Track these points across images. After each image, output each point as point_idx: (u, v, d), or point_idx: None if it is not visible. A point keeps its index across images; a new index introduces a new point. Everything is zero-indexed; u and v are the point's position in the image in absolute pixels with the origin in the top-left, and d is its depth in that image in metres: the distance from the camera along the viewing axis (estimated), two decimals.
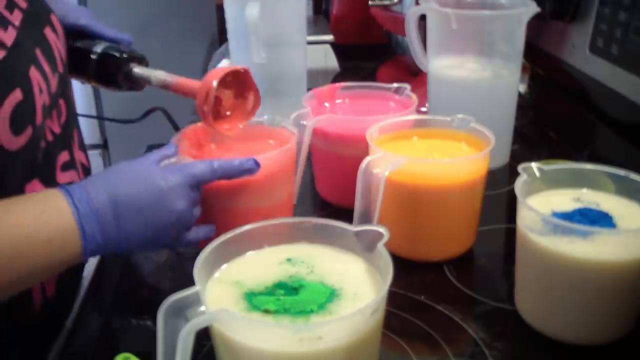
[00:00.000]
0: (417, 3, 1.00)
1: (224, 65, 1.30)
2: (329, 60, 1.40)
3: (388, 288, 0.49)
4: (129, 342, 0.63)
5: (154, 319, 0.62)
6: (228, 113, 0.76)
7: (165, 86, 0.78)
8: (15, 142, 0.61)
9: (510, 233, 0.66)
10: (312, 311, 0.50)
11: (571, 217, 0.61)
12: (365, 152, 0.72)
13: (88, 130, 2.13)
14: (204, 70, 1.48)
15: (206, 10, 1.94)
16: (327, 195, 0.89)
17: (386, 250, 0.53)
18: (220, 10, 1.19)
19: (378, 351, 0.53)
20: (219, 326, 0.49)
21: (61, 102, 0.73)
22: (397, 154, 0.71)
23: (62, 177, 0.71)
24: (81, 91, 2.06)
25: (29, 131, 0.63)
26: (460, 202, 0.73)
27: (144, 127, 1.02)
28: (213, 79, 0.72)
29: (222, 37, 1.49)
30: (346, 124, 0.84)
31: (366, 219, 0.70)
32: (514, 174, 0.64)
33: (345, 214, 0.75)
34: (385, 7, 1.27)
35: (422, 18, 0.99)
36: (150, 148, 1.05)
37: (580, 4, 1.04)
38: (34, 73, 0.64)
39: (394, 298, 0.69)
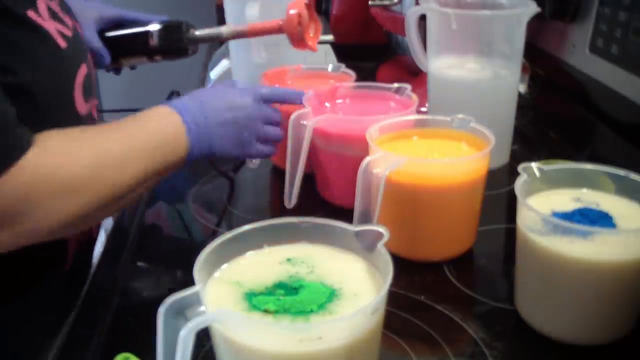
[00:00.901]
0: (417, 3, 1.00)
1: (225, 64, 1.30)
2: (329, 60, 1.40)
3: (388, 288, 0.49)
4: (129, 342, 0.63)
5: (154, 319, 0.63)
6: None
7: (239, 34, 0.95)
8: (85, 108, 0.74)
9: (510, 233, 0.66)
10: (312, 311, 0.50)
11: (571, 217, 0.61)
12: (365, 152, 0.72)
13: None
14: (205, 70, 1.48)
15: (206, 10, 1.95)
16: (327, 195, 0.89)
17: (386, 250, 0.53)
18: (220, 10, 1.19)
19: (378, 351, 0.53)
20: (219, 326, 0.49)
21: None
22: (397, 154, 0.71)
23: None
24: None
25: (91, 100, 0.76)
26: (460, 202, 0.73)
27: None
28: (297, 7, 0.92)
29: None
30: (346, 124, 0.84)
31: (366, 219, 0.70)
32: (514, 174, 0.64)
33: (345, 214, 0.75)
34: (385, 7, 1.27)
35: (422, 18, 0.98)
36: None
37: (580, 4, 1.04)
38: (87, 53, 0.76)
39: (394, 298, 0.69)
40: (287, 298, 0.51)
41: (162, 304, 0.46)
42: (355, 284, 0.54)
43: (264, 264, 0.56)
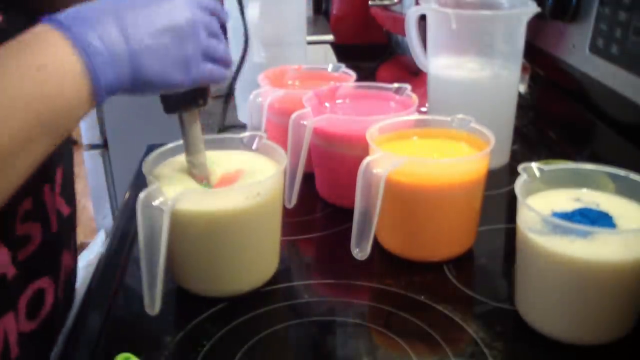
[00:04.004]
0: (417, 3, 1.00)
1: None
2: (329, 60, 1.40)
3: (285, 164, 0.69)
4: (129, 342, 0.63)
5: (154, 319, 0.63)
6: None
7: None
8: None
9: (510, 233, 0.66)
10: None
11: (571, 217, 0.61)
12: (365, 152, 0.72)
13: (88, 130, 2.13)
14: None
15: None
16: (327, 195, 0.89)
17: (275, 144, 0.71)
18: None
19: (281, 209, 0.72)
20: (182, 207, 0.62)
21: None
22: (397, 154, 0.71)
23: (21, 229, 0.63)
24: None
25: None
26: (460, 202, 0.73)
27: (144, 127, 1.01)
28: None
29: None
30: (346, 124, 0.84)
31: (366, 218, 0.70)
32: (514, 174, 0.64)
33: (345, 213, 0.76)
34: (385, 7, 1.27)
35: (422, 18, 0.98)
36: (151, 148, 1.05)
37: (580, 4, 1.04)
38: None
39: (394, 298, 0.69)
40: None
41: (138, 200, 0.59)
42: (259, 168, 0.71)
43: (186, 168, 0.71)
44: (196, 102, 0.67)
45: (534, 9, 0.90)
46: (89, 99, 0.51)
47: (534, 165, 0.65)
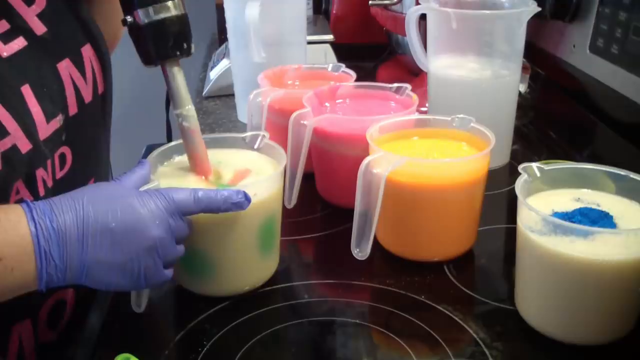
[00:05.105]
0: (417, 3, 1.00)
1: (225, 64, 1.30)
2: (329, 60, 1.40)
3: (285, 164, 0.70)
4: (129, 342, 0.63)
5: (153, 319, 0.63)
6: None
7: None
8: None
9: (510, 233, 0.66)
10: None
11: (571, 217, 0.61)
12: (365, 152, 0.72)
13: None
14: (205, 70, 1.49)
15: (206, 10, 1.95)
16: (327, 195, 0.89)
17: (276, 144, 0.72)
18: (220, 10, 1.19)
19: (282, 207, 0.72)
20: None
21: (64, 150, 0.66)
22: (397, 154, 0.71)
23: None
24: None
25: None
26: (460, 202, 0.73)
27: (144, 127, 1.01)
28: None
29: (222, 36, 1.49)
30: (346, 124, 0.84)
31: (366, 218, 0.70)
32: (514, 174, 0.64)
33: (345, 213, 0.75)
34: (385, 7, 1.27)
35: (422, 18, 0.98)
36: (150, 148, 1.06)
37: (580, 3, 1.04)
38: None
39: (394, 298, 0.69)
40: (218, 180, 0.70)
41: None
42: (259, 167, 0.71)
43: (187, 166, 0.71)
44: (178, 49, 0.63)
45: (534, 8, 0.90)
46: (30, 286, 0.54)
47: (534, 165, 0.65)
